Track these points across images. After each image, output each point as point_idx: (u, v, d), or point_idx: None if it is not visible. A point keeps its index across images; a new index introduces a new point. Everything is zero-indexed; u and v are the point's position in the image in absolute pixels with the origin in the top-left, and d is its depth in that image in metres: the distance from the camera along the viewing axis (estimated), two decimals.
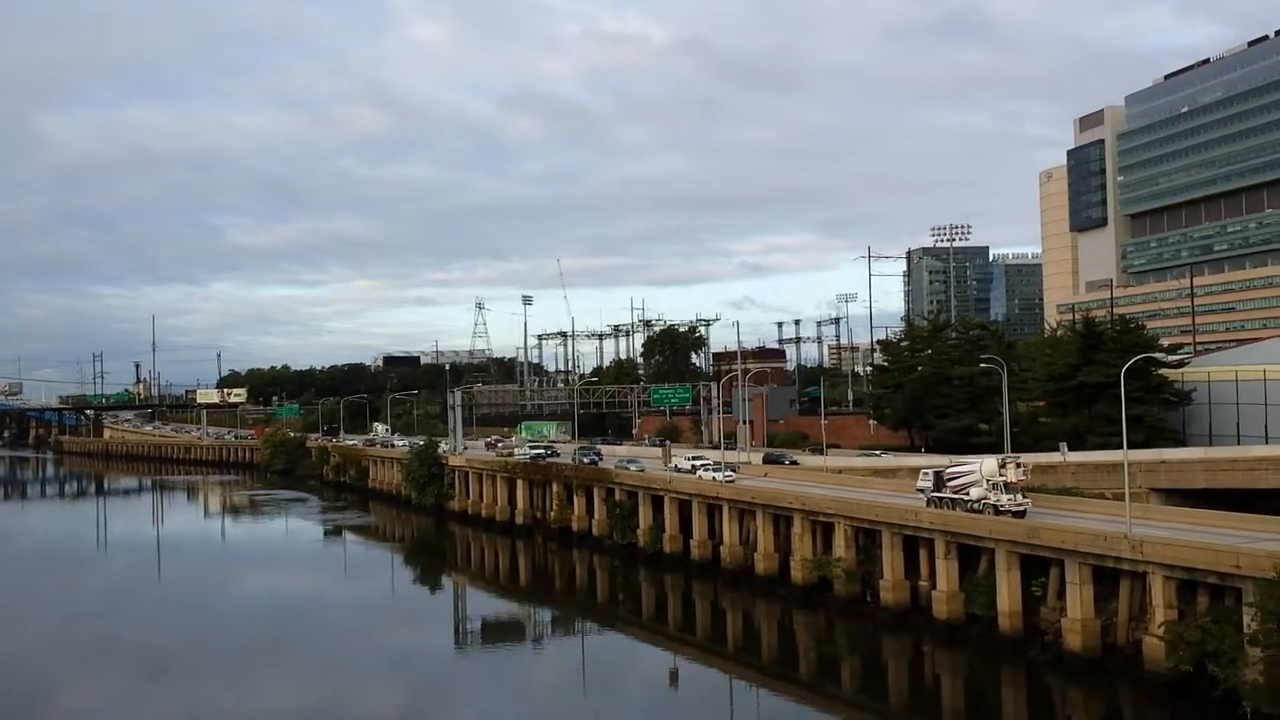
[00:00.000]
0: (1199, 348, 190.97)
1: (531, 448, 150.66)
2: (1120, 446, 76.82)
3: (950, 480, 79.55)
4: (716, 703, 68.76)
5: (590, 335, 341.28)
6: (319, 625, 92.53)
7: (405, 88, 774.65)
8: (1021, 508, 75.06)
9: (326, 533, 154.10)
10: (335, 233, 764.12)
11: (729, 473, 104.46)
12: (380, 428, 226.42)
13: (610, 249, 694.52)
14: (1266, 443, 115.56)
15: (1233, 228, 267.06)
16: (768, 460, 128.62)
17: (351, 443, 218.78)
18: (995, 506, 75.24)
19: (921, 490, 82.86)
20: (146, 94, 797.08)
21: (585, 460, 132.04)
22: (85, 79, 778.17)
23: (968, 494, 77.23)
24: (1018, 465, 77.73)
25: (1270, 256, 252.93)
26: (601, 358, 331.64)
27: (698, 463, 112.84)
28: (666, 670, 77.25)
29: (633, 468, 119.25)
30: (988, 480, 76.49)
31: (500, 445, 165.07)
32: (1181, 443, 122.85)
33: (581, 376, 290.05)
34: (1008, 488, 76.19)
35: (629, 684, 72.63)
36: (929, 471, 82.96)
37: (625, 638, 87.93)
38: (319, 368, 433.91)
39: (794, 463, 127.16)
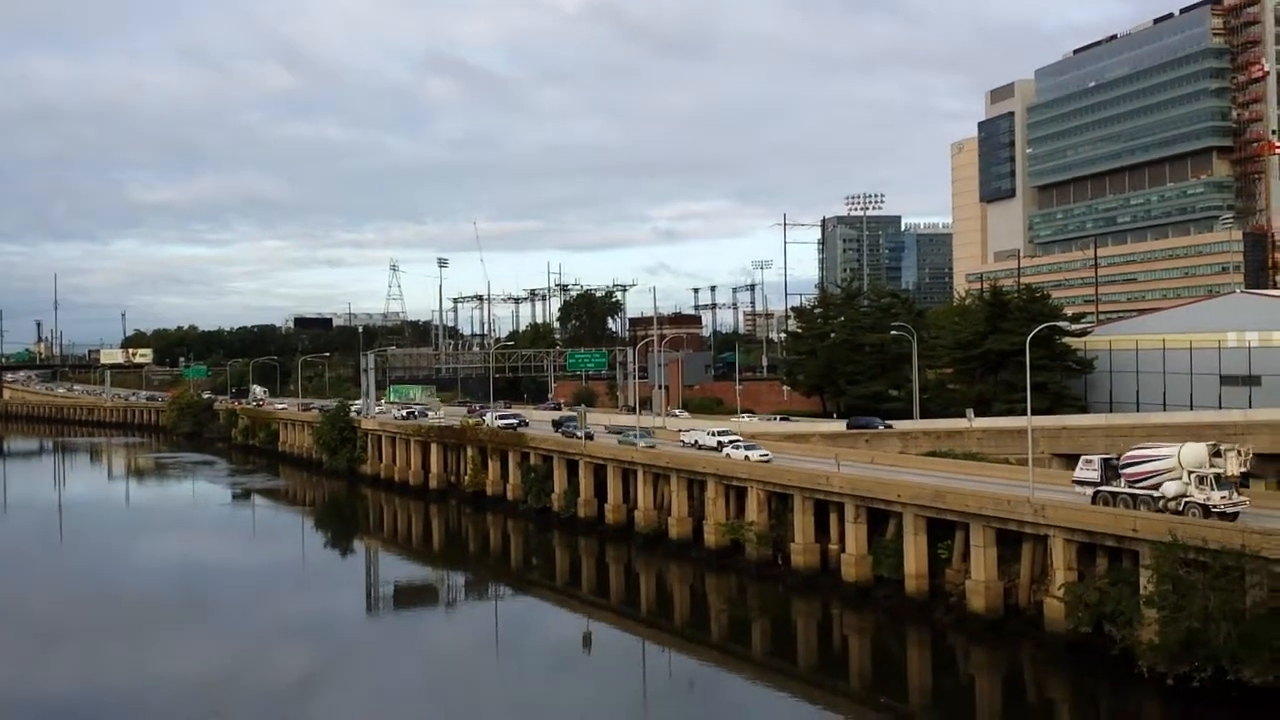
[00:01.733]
0: (1101, 317, 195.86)
1: (403, 409, 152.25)
2: (1025, 413, 78.67)
3: (1129, 468, 63.77)
4: (629, 664, 69.31)
5: (507, 299, 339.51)
6: (225, 590, 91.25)
7: (315, 46, 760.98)
8: (1237, 508, 59.65)
9: (235, 496, 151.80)
10: (243, 190, 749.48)
11: (762, 451, 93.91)
12: (258, 389, 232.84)
13: (527, 213, 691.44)
14: (1165, 409, 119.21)
15: (1135, 200, 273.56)
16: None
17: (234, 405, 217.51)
18: (1204, 507, 59.31)
19: (1082, 483, 66.81)
20: (45, 44, 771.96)
21: (503, 426, 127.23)
22: None
23: (1159, 489, 61.31)
24: (1240, 453, 61.35)
25: (1171, 229, 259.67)
26: (518, 322, 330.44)
27: (724, 438, 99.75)
28: (580, 633, 77.71)
29: (640, 443, 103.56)
30: (1192, 471, 60.59)
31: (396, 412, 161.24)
32: (1084, 409, 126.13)
33: (497, 340, 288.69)
34: (1220, 482, 60.32)
35: (542, 647, 72.84)
36: (1093, 459, 67.23)
37: (539, 602, 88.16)
38: (227, 329, 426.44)
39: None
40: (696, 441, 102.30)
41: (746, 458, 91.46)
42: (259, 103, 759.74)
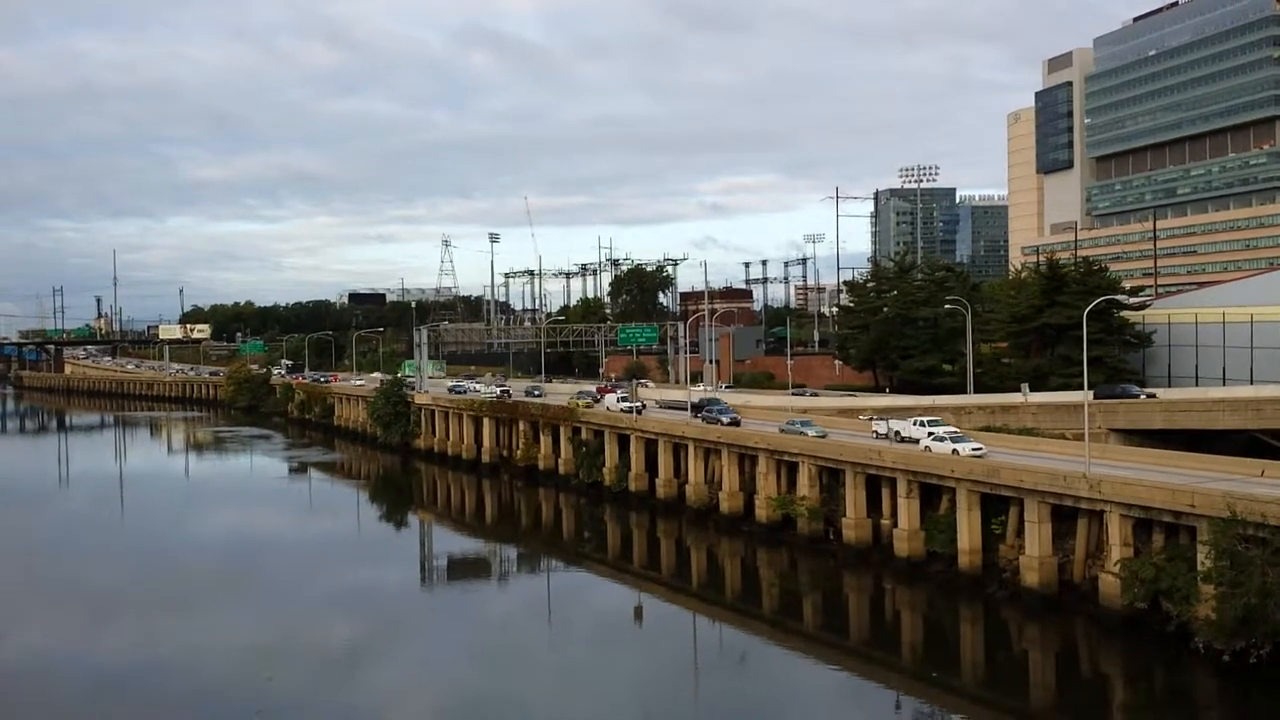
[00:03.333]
0: (1160, 290, 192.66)
1: (463, 383, 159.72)
2: (1081, 387, 77.61)
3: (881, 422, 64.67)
4: (680, 637, 69.54)
5: (558, 274, 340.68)
6: (281, 561, 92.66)
7: (358, 22, 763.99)
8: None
9: (291, 470, 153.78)
10: (293, 168, 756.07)
11: (975, 445, 77.50)
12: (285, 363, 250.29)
13: (575, 188, 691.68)
14: (1224, 384, 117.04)
15: (1196, 171, 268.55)
16: None
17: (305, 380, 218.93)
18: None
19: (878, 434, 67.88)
20: (92, 24, 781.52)
21: (625, 410, 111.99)
22: (26, 7, 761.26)
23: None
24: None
25: (1232, 200, 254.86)
26: (569, 296, 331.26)
27: (936, 430, 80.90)
28: (631, 606, 77.97)
29: (810, 432, 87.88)
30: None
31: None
32: (1142, 384, 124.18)
33: (549, 315, 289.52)
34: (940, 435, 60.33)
35: (594, 619, 73.29)
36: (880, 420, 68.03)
37: (590, 575, 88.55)
38: (283, 304, 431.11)
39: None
40: (898, 432, 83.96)
41: (955, 452, 75.59)
42: (305, 80, 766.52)
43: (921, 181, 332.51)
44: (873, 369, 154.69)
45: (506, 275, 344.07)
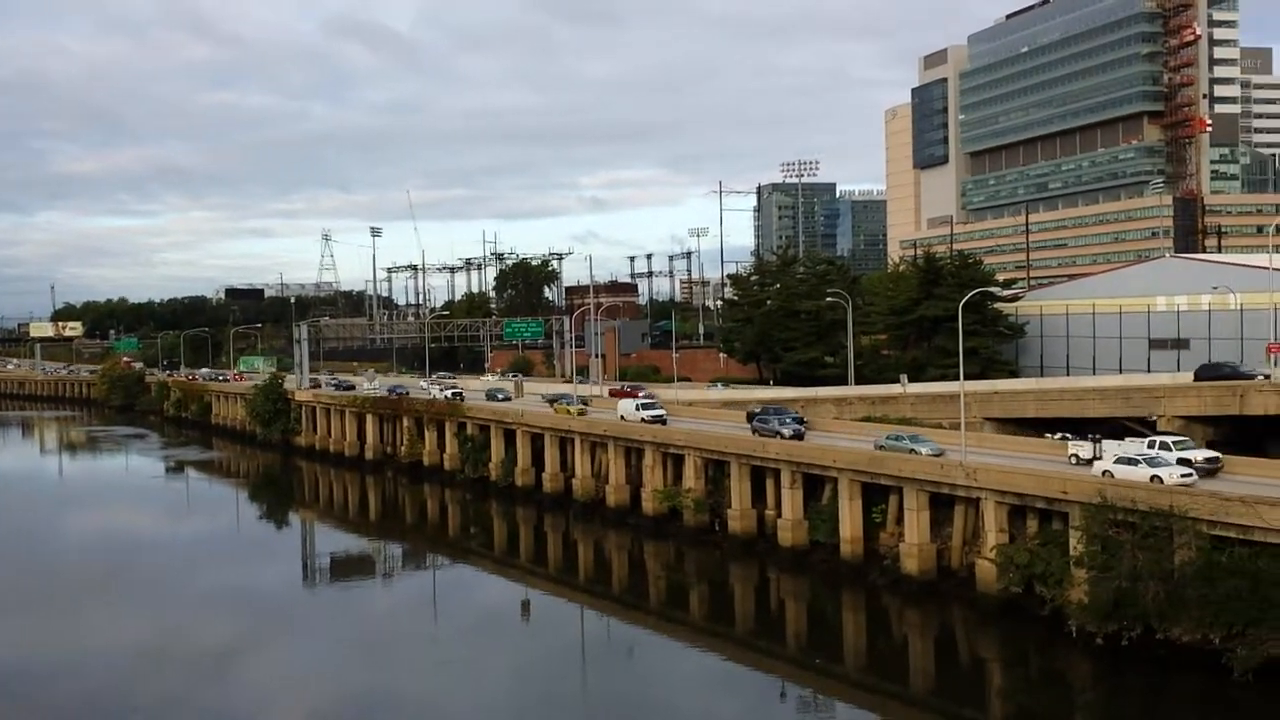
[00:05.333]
0: (1033, 283, 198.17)
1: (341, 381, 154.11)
2: (958, 378, 79.38)
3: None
4: (567, 630, 69.35)
5: (441, 269, 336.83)
6: (158, 562, 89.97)
7: (229, 14, 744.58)
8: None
9: (168, 469, 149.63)
10: (166, 161, 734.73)
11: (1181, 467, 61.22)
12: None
13: (457, 181, 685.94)
14: (1094, 374, 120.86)
15: (1067, 166, 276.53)
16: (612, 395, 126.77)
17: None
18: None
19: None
20: None
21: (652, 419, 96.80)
22: None
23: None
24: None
25: (1101, 194, 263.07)
26: (453, 291, 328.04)
27: (1126, 450, 65.24)
28: (518, 600, 77.59)
29: (923, 450, 72.12)
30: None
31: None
32: (1015, 374, 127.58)
33: (432, 310, 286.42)
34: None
35: (480, 614, 72.68)
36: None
37: (477, 570, 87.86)
38: (158, 300, 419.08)
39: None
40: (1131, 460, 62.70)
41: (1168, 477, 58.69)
42: (177, 72, 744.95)
43: (803, 176, 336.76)
44: (757, 362, 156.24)
45: (389, 270, 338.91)
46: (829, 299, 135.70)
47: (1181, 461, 62.44)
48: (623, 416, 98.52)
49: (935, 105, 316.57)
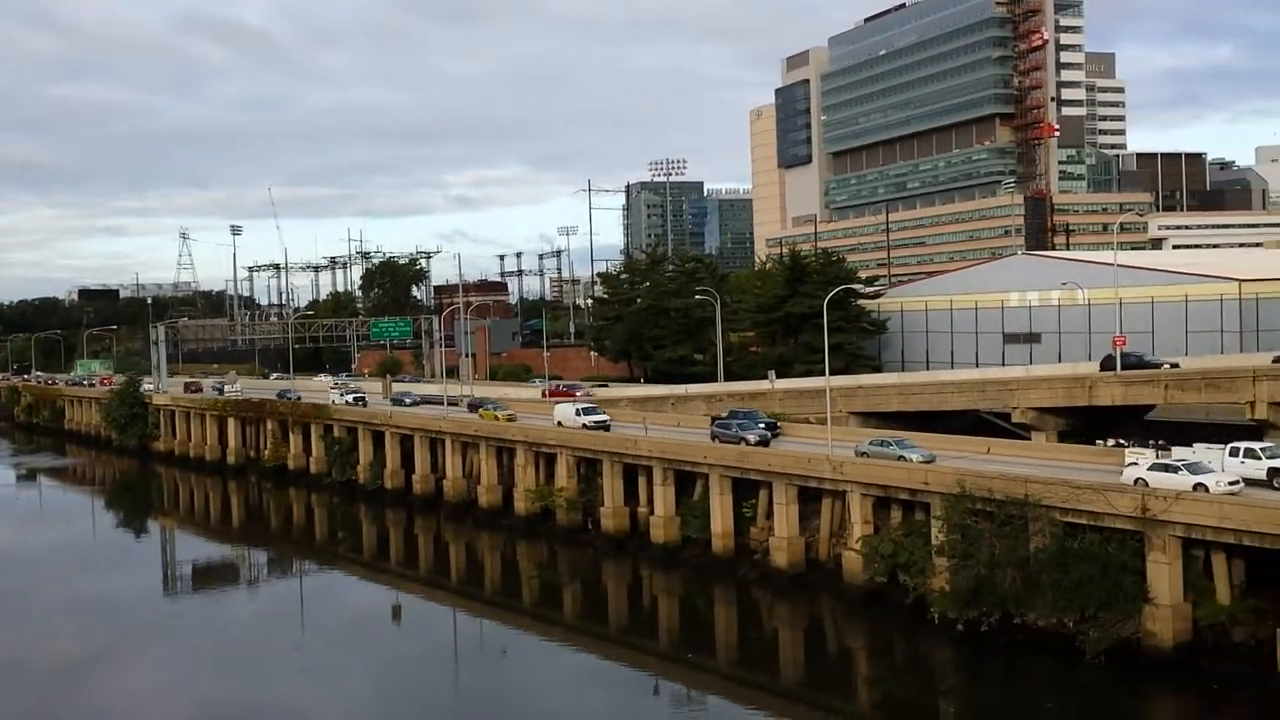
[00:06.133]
0: (894, 280, 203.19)
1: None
2: (823, 373, 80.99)
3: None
4: (440, 633, 68.90)
5: (305, 268, 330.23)
6: (11, 572, 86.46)
7: (68, 5, 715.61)
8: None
9: (19, 477, 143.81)
10: (9, 157, 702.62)
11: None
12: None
13: (320, 179, 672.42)
14: (952, 367, 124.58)
15: (924, 166, 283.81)
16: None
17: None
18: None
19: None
20: None
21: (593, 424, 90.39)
22: None
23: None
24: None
25: (957, 194, 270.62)
26: (317, 291, 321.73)
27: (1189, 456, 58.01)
28: (389, 605, 76.64)
29: (915, 456, 66.48)
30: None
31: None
32: (878, 369, 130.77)
33: (296, 310, 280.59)
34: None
35: (350, 620, 71.49)
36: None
37: (346, 576, 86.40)
38: (6, 303, 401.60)
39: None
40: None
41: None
42: (18, 65, 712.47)
43: (670, 175, 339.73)
44: (627, 359, 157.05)
45: (250, 269, 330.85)
46: (698, 297, 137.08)
47: (1273, 472, 54.21)
48: (560, 423, 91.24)
49: (798, 106, 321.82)
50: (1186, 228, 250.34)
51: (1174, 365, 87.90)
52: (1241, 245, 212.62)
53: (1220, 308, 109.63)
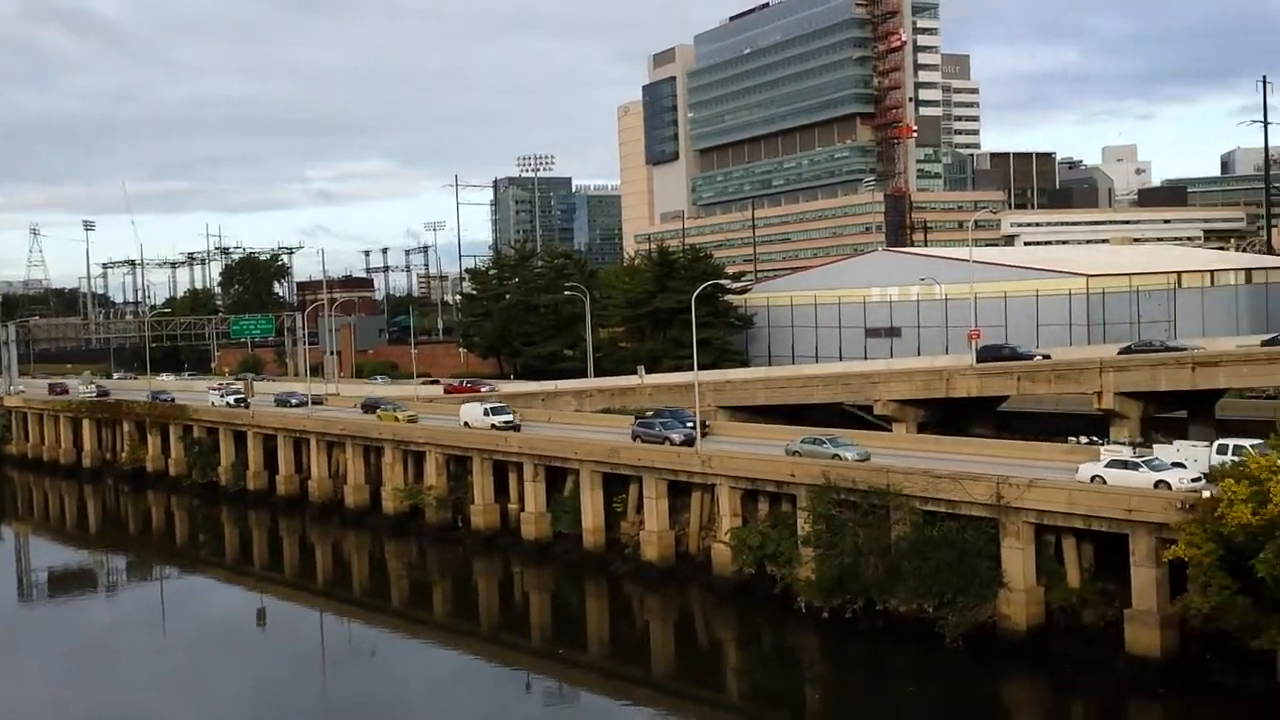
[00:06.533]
0: (760, 275, 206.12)
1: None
2: (692, 368, 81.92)
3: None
4: (307, 636, 67.78)
5: (162, 264, 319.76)
6: None
7: None
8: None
9: None
10: None
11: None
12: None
13: (177, 173, 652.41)
14: (817, 362, 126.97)
15: (789, 164, 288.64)
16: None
17: None
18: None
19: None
20: None
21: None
22: None
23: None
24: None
25: (820, 191, 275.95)
26: (175, 288, 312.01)
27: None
28: (253, 609, 75.13)
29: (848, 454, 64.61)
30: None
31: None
32: (745, 363, 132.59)
33: (153, 308, 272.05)
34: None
35: (212, 624, 69.95)
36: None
37: (208, 579, 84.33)
38: None
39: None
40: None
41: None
42: None
43: (539, 171, 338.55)
44: (497, 356, 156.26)
45: (105, 266, 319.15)
46: (567, 293, 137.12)
47: None
48: (467, 423, 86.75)
49: (665, 103, 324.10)
50: (1037, 225, 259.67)
51: (1046, 357, 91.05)
52: (1089, 242, 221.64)
53: (1069, 302, 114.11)
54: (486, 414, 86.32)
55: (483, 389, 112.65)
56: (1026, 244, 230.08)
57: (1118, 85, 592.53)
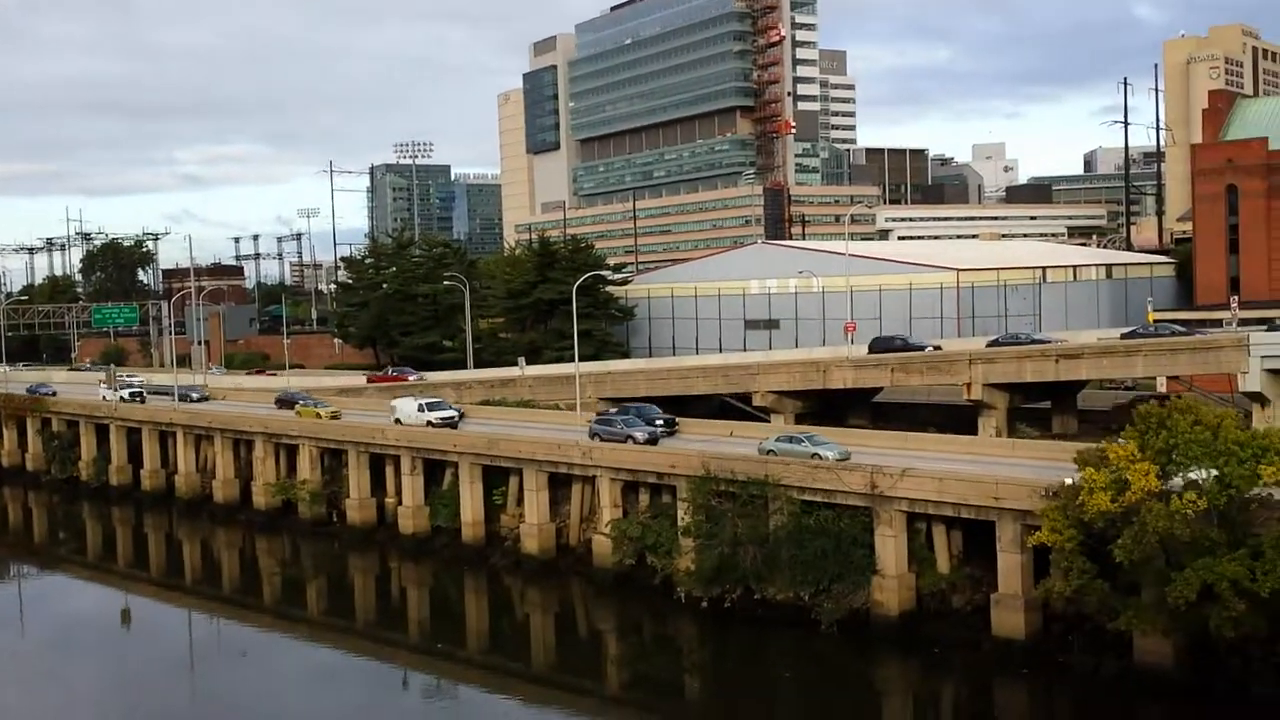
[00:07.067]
0: (641, 267, 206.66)
1: None
2: (573, 359, 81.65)
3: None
4: (175, 636, 65.87)
5: (19, 249, 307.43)
6: None
7: None
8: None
9: None
10: None
11: None
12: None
13: (36, 154, 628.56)
14: (697, 354, 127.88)
15: (669, 156, 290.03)
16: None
17: None
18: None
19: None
20: None
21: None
22: None
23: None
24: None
25: (700, 183, 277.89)
26: (32, 274, 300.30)
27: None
28: (117, 609, 72.66)
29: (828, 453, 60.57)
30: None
31: None
32: (627, 354, 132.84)
33: (9, 295, 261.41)
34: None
35: (73, 625, 67.39)
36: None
37: (69, 579, 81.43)
38: None
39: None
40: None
41: None
42: None
43: (417, 158, 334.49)
44: (373, 346, 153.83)
45: None
46: (446, 283, 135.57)
47: None
48: (399, 420, 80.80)
49: (546, 92, 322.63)
50: (911, 220, 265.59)
51: (937, 348, 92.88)
52: (959, 237, 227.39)
53: (940, 296, 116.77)
54: (422, 410, 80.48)
55: (410, 378, 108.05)
56: (900, 238, 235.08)
57: (987, 84, 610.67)
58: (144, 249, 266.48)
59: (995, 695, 50.36)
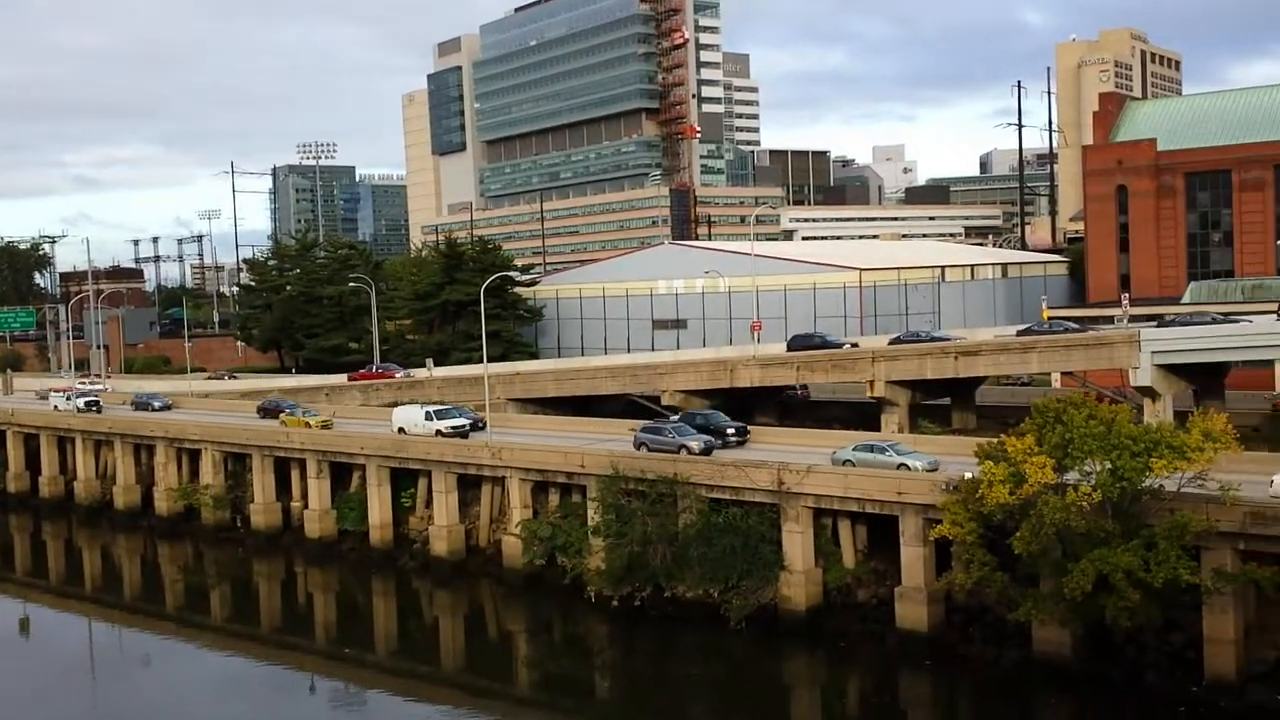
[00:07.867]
0: (549, 268, 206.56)
1: None
2: (481, 361, 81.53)
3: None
4: (74, 645, 64.45)
5: None
6: None
7: None
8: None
9: None
10: None
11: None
12: None
13: None
14: (605, 354, 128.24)
15: (576, 157, 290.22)
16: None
17: None
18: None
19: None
20: None
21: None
22: None
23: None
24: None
25: (608, 185, 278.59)
26: None
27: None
28: (15, 619, 70.93)
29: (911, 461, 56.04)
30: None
31: None
32: (535, 355, 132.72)
33: None
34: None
35: None
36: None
37: None
38: None
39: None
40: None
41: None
42: None
43: (320, 159, 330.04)
44: (277, 349, 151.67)
45: None
46: (352, 284, 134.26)
47: None
48: (402, 429, 73.34)
49: (451, 93, 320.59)
50: (814, 220, 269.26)
51: (854, 345, 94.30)
52: (861, 237, 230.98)
53: (844, 295, 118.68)
54: (430, 418, 72.59)
55: (397, 375, 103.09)
56: (804, 239, 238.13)
57: (882, 87, 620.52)
58: (39, 252, 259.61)
59: (899, 687, 51.56)
